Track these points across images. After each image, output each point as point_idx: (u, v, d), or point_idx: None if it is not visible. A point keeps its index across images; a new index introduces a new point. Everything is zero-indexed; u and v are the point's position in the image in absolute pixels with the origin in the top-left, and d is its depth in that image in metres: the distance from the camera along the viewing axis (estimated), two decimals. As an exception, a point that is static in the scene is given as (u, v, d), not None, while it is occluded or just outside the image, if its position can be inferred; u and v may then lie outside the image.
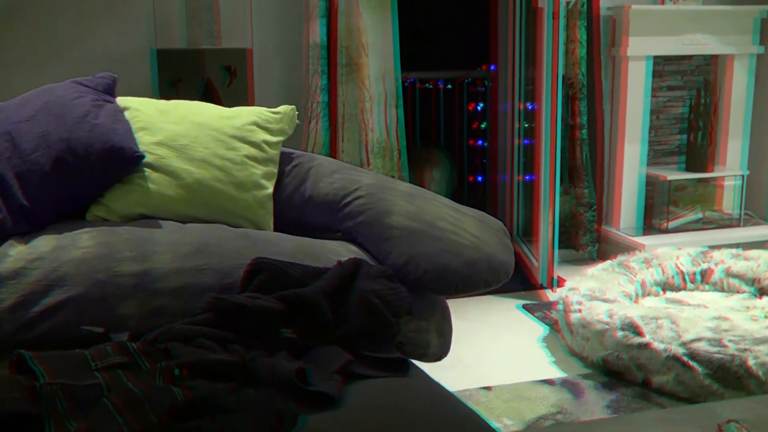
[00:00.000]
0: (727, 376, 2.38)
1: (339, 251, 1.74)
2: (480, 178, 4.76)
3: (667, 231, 4.00)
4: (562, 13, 3.21)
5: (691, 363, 2.43)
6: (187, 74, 3.17)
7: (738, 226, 4.09)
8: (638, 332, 2.57)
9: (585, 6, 3.75)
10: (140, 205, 1.71)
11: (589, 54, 3.84)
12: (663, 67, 4.09)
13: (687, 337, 2.49)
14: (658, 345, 2.51)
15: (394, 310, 1.61)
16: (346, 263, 1.63)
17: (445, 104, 4.71)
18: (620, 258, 3.34)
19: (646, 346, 2.53)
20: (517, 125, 4.10)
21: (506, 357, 2.92)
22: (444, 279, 1.74)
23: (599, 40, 3.87)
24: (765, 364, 2.34)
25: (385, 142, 3.60)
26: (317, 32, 3.40)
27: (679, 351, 2.46)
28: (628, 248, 3.84)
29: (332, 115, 3.49)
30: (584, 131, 3.90)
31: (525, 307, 3.41)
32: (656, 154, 4.19)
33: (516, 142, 4.13)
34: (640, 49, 3.87)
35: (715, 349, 2.43)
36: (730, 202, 4.21)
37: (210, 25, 3.14)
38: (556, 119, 3.33)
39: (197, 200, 1.73)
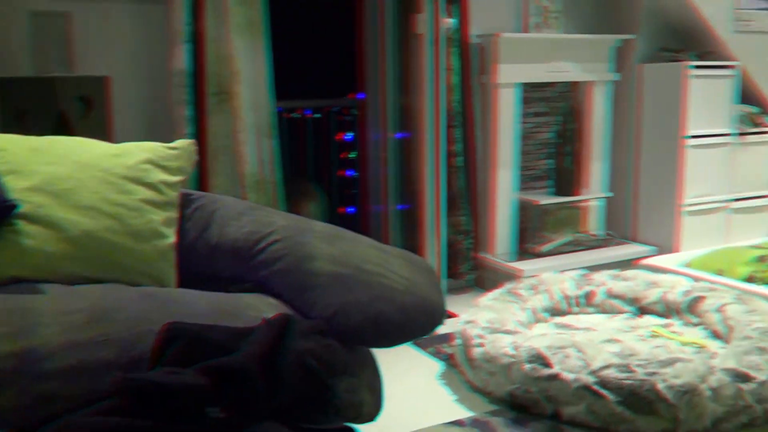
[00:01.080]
0: (637, 401, 2.36)
1: (258, 306, 1.51)
2: (352, 210, 4.62)
3: (541, 255, 4.04)
4: (443, 40, 3.15)
5: (602, 391, 2.39)
6: (34, 105, 2.78)
7: (604, 246, 4.21)
8: (546, 363, 2.51)
9: (457, 33, 3.73)
10: (14, 266, 1.39)
11: (461, 81, 3.82)
12: (529, 93, 4.16)
13: (595, 365, 2.45)
14: (567, 375, 2.45)
15: (331, 371, 1.41)
16: (274, 321, 1.41)
17: (314, 134, 4.54)
18: (508, 286, 3.30)
19: (555, 377, 2.47)
20: (389, 154, 4.01)
21: (408, 399, 2.77)
22: (379, 329, 1.56)
23: (469, 67, 3.87)
24: (673, 386, 2.34)
25: (260, 175, 3.37)
26: (181, 59, 3.12)
27: (590, 380, 2.42)
28: (506, 274, 3.84)
29: (201, 149, 3.21)
30: (460, 159, 3.86)
31: (415, 342, 3.28)
32: (525, 179, 4.24)
33: (389, 171, 4.04)
34: (510, 76, 3.91)
35: (624, 375, 2.40)
36: (595, 223, 4.34)
37: (61, 50, 2.78)
38: (440, 147, 3.26)
39: (86, 256, 1.44)
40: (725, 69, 4.09)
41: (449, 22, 3.26)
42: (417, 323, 1.60)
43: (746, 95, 4.31)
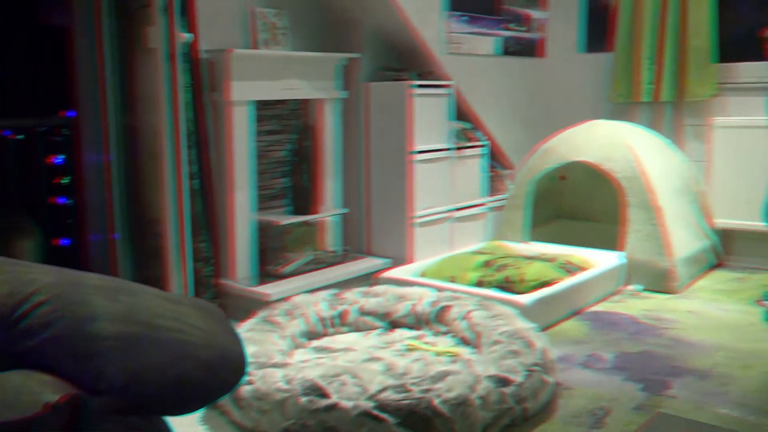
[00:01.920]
0: (416, 420, 2.37)
1: (32, 387, 1.20)
2: (66, 242, 4.10)
3: (284, 276, 3.95)
4: (180, 56, 2.91)
5: (382, 415, 2.36)
6: None
7: (343, 262, 4.25)
8: (323, 394, 2.42)
9: (187, 48, 3.49)
10: None
11: (193, 99, 3.58)
12: (261, 111, 4.05)
13: (373, 389, 2.42)
14: (346, 403, 2.38)
15: (139, 457, 1.17)
16: (61, 406, 1.13)
17: (17, 158, 3.94)
18: (263, 314, 3.16)
19: (334, 407, 2.39)
20: (114, 177, 3.64)
21: (171, 452, 2.49)
22: (182, 394, 1.33)
23: (200, 84, 3.65)
24: (448, 400, 2.39)
25: (-45, 210, 2.83)
26: None
27: (369, 405, 2.37)
28: (251, 300, 3.69)
29: None
30: (196, 181, 3.62)
31: (166, 385, 2.98)
32: (262, 199, 4.13)
33: (114, 196, 3.66)
34: (242, 94, 3.76)
35: (401, 396, 2.40)
36: (332, 239, 4.36)
37: None
38: (182, 169, 3.01)
39: None
40: (442, 88, 4.37)
41: (185, 36, 3.03)
42: (221, 380, 1.40)
43: (460, 112, 4.66)
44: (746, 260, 4.56)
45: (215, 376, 1.39)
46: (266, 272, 3.99)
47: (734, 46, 4.60)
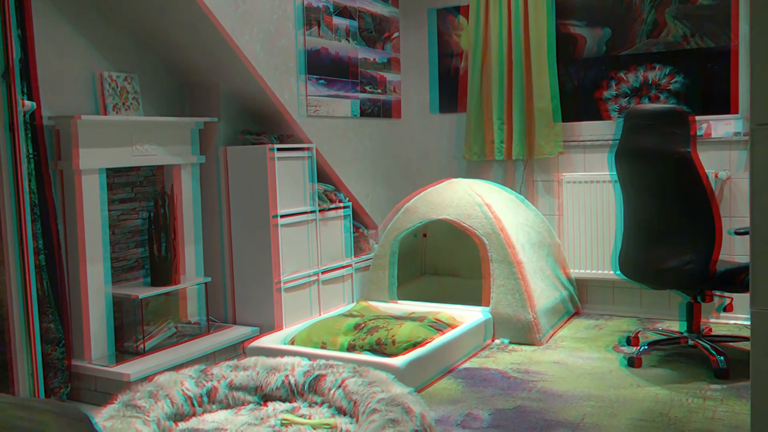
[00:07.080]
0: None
1: None
2: None
3: (144, 353, 3.70)
4: (22, 125, 2.70)
5: (262, 502, 2.23)
6: None
7: (208, 333, 4.05)
8: (196, 485, 2.24)
9: (28, 116, 3.26)
10: None
11: (36, 169, 3.34)
12: (113, 179, 3.83)
13: (251, 474, 2.27)
14: (222, 493, 2.23)
15: None
16: None
17: None
18: (124, 397, 2.92)
19: (209, 498, 2.22)
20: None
21: None
22: None
23: (45, 153, 3.41)
24: (331, 479, 2.29)
25: None
26: None
27: (247, 492, 2.23)
28: (109, 381, 3.43)
29: None
30: (42, 256, 3.35)
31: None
32: (117, 271, 3.88)
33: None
34: (92, 162, 3.55)
35: (281, 479, 2.27)
36: (195, 310, 4.16)
37: None
38: (27, 245, 2.76)
39: None
40: (302, 151, 4.34)
41: (29, 104, 2.82)
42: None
43: (321, 174, 4.64)
44: (601, 308, 4.81)
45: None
46: (124, 350, 3.73)
47: (576, 107, 4.91)
